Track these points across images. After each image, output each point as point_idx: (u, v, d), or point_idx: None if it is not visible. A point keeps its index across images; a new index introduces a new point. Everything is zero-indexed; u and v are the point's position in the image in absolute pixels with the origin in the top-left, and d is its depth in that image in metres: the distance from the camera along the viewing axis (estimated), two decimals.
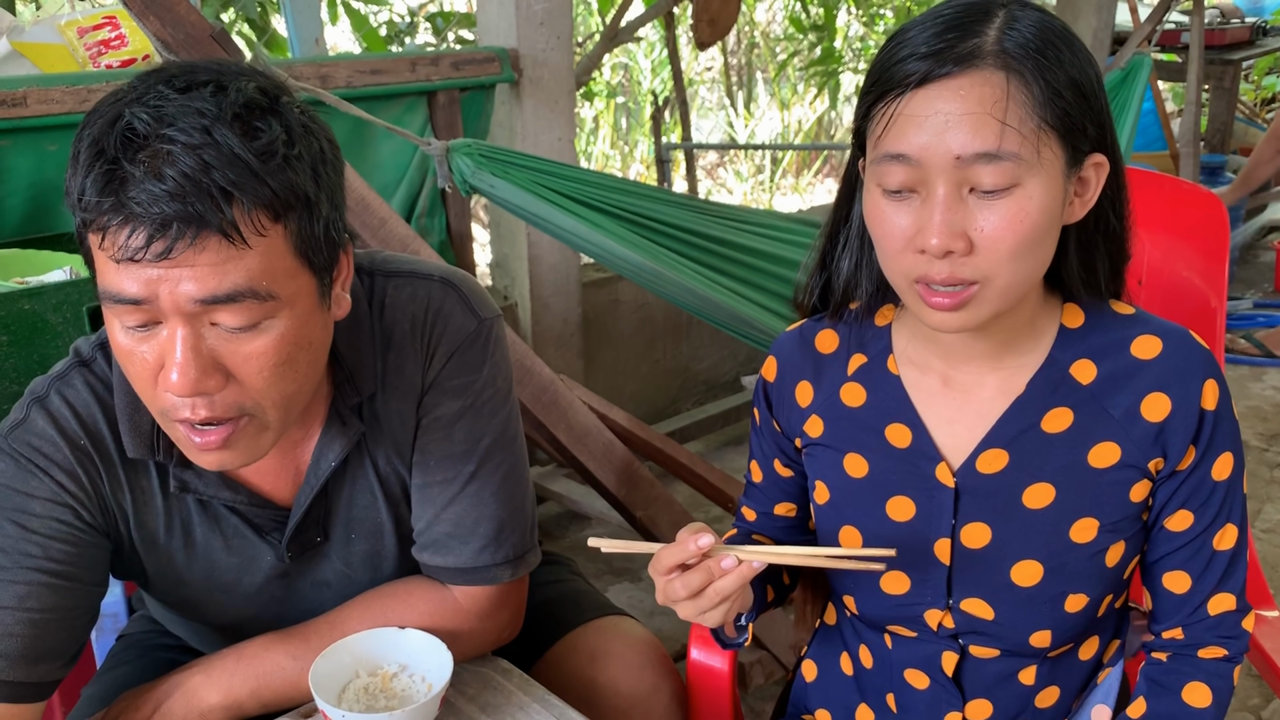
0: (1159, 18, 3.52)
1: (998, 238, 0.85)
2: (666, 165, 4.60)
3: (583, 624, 1.26)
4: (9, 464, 1.00)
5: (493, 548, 1.10)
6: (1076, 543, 0.95)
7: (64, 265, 1.72)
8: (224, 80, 0.87)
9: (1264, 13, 5.80)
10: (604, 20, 4.58)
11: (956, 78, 0.84)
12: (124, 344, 0.89)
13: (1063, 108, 0.85)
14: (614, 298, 3.11)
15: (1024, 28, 0.85)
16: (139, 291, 0.84)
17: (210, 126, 0.83)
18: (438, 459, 1.08)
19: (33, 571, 0.97)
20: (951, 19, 0.86)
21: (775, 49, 7.26)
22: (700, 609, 0.91)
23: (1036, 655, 1.01)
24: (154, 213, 0.81)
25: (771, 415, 1.11)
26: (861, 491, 1.03)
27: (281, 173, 0.86)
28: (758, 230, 2.34)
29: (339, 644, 1.04)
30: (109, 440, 1.01)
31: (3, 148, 1.87)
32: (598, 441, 1.74)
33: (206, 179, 0.82)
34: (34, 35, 1.96)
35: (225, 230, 0.83)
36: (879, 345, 1.05)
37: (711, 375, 3.52)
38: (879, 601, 1.03)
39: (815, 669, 1.17)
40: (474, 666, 1.13)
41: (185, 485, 1.03)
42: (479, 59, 2.46)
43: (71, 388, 1.02)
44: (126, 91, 0.86)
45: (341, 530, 1.11)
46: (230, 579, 1.10)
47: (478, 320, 1.09)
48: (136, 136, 0.82)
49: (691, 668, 1.25)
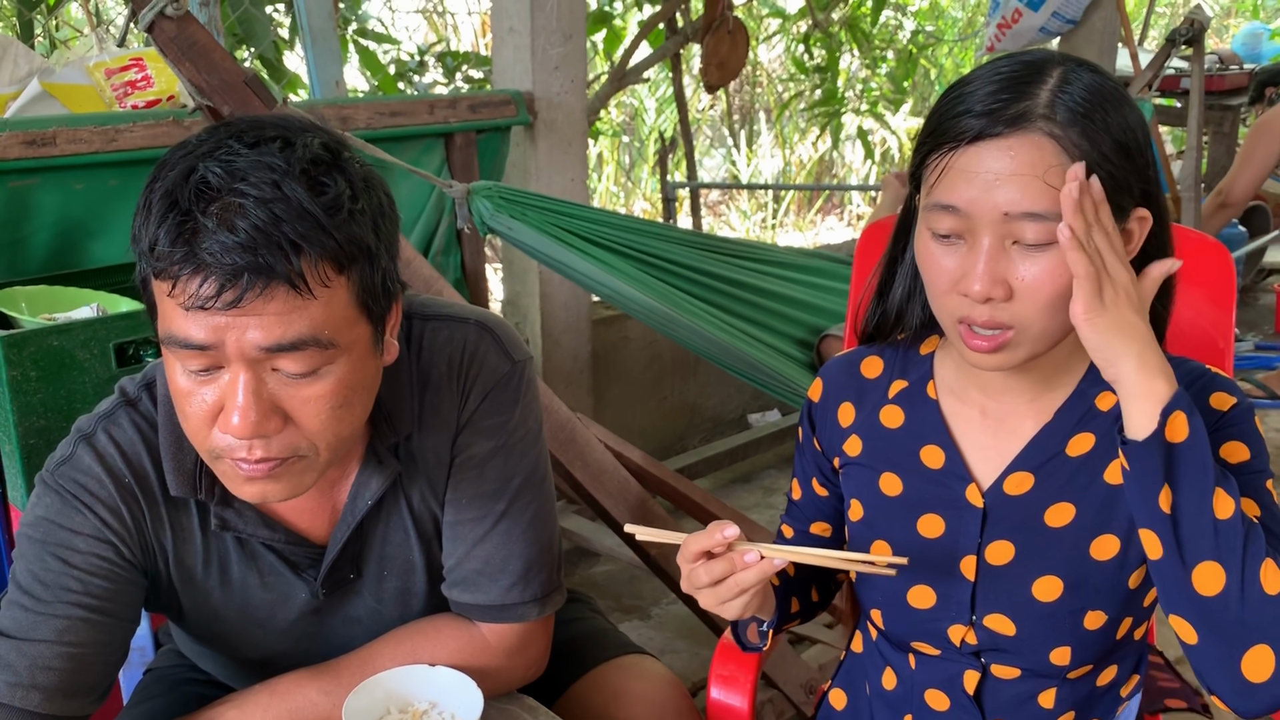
0: (1160, 64, 3.59)
1: (1036, 288, 0.90)
2: (672, 203, 4.66)
3: (604, 662, 1.28)
4: (55, 499, 1.02)
5: (521, 585, 1.12)
6: (1096, 559, 0.99)
7: (91, 302, 1.75)
8: (290, 136, 0.90)
9: (1262, 59, 5.89)
10: (611, 61, 4.65)
11: (1008, 138, 0.88)
12: (184, 386, 0.91)
13: (1108, 170, 0.89)
14: (623, 335, 3.15)
15: (1076, 91, 0.89)
16: (206, 338, 0.87)
17: (280, 181, 0.86)
18: (470, 497, 1.11)
19: (72, 606, 0.99)
20: (1008, 77, 0.91)
21: (778, 89, 7.35)
22: (720, 598, 0.95)
23: (1056, 676, 1.03)
24: (225, 263, 0.84)
25: (814, 434, 1.16)
26: (894, 509, 1.07)
27: (346, 226, 0.89)
28: (767, 270, 2.37)
29: (370, 681, 1.06)
30: (153, 478, 1.04)
31: (31, 186, 1.90)
32: (613, 479, 1.76)
33: (277, 231, 0.85)
34: (63, 76, 2.01)
35: (293, 281, 0.86)
36: (920, 371, 1.10)
37: (719, 412, 3.54)
38: (906, 617, 1.07)
39: (844, 697, 1.20)
40: (501, 704, 1.14)
41: (225, 523, 1.05)
42: (495, 101, 2.51)
43: (118, 426, 1.04)
44: (197, 145, 0.89)
45: (374, 567, 1.13)
46: (264, 614, 1.12)
47: (511, 362, 1.12)
48: (209, 189, 0.85)
49: (711, 707, 1.26)
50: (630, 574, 2.70)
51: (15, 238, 1.93)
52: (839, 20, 5.26)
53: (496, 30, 2.63)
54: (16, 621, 0.99)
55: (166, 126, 1.99)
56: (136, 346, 1.60)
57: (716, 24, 3.65)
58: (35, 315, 1.66)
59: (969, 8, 7.88)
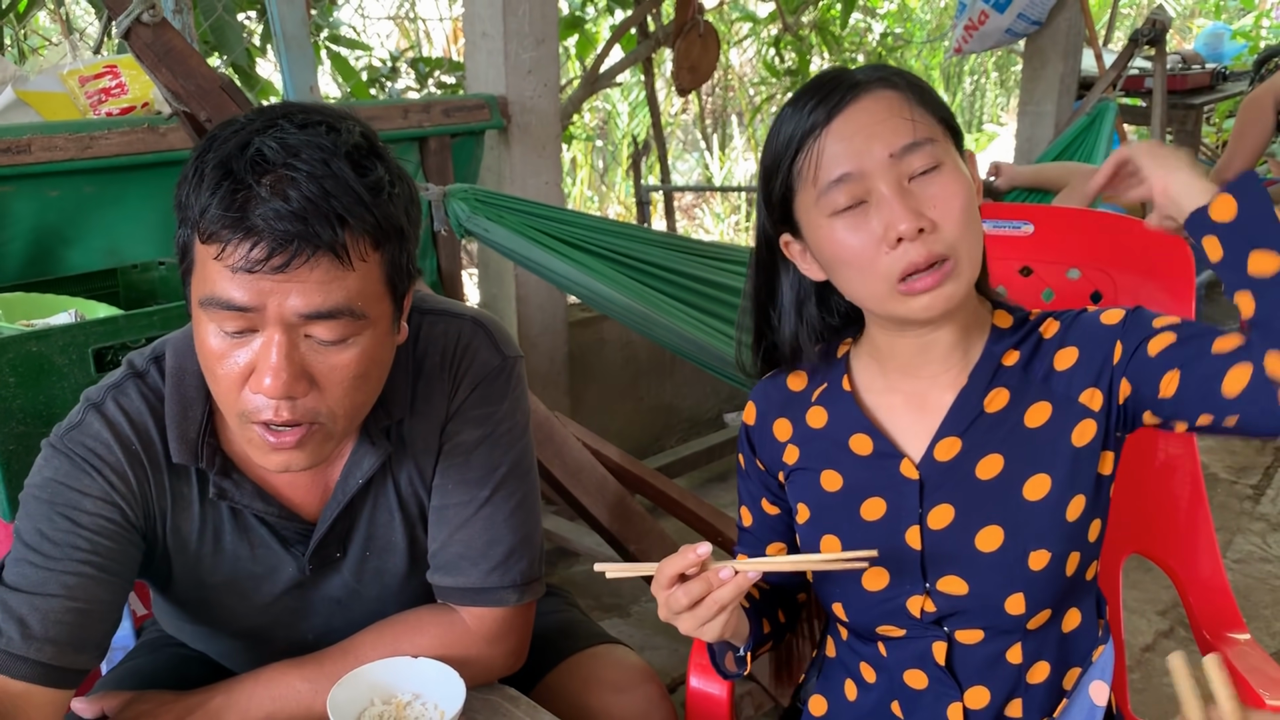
0: (1123, 64, 3.65)
1: (949, 206, 0.99)
2: (646, 206, 4.69)
3: (578, 651, 1.32)
4: (63, 462, 1.06)
5: (501, 570, 1.16)
6: (1030, 500, 1.03)
7: (68, 308, 1.75)
8: (334, 122, 0.96)
9: (1224, 59, 5.99)
10: (583, 66, 4.67)
11: (859, 100, 1.00)
12: (217, 348, 0.96)
13: (936, 103, 1.03)
14: (599, 336, 3.17)
15: (878, 69, 1.04)
16: (249, 300, 0.92)
17: (329, 159, 0.92)
18: (455, 483, 1.15)
19: (81, 564, 1.04)
20: (822, 82, 1.03)
21: (750, 93, 7.40)
22: (700, 619, 0.97)
23: (1017, 629, 1.07)
24: (278, 229, 0.89)
25: (755, 456, 1.20)
26: (837, 502, 1.12)
27: (385, 206, 0.96)
28: (741, 270, 2.40)
29: (355, 673, 1.08)
30: (157, 446, 1.08)
31: (6, 193, 1.91)
32: (591, 477, 1.78)
33: (326, 204, 0.91)
34: (38, 84, 2.01)
35: (337, 251, 0.92)
36: (837, 371, 1.15)
37: (695, 412, 3.57)
38: (864, 601, 1.10)
39: (824, 703, 1.22)
40: (482, 694, 1.16)
41: (223, 493, 1.10)
42: (469, 106, 2.53)
43: (126, 396, 1.09)
44: (247, 122, 0.94)
45: (358, 547, 1.18)
46: (251, 586, 1.16)
47: (502, 358, 1.18)
48: (264, 161, 0.90)
49: (690, 695, 1.29)
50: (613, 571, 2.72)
51: None
52: (809, 23, 5.31)
53: (469, 35, 2.65)
54: (26, 577, 1.03)
55: (141, 133, 2.00)
56: (115, 351, 1.61)
57: (687, 28, 3.68)
58: (13, 321, 1.67)
59: (937, 10, 7.97)
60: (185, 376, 1.09)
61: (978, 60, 8.06)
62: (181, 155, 2.05)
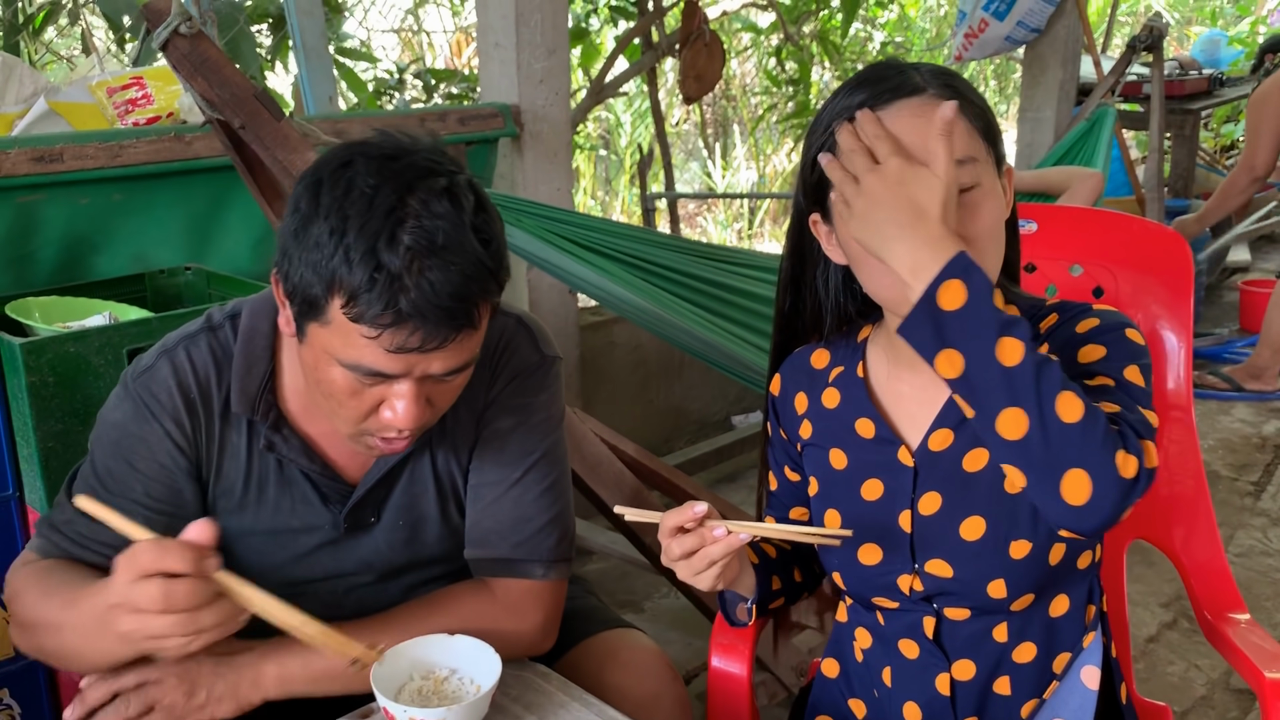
0: (1121, 70, 3.72)
1: (976, 225, 1.01)
2: (651, 214, 4.75)
3: (594, 634, 1.38)
4: (130, 407, 1.17)
5: (529, 545, 1.24)
6: (1011, 493, 1.08)
7: (101, 311, 1.81)
8: (439, 173, 1.01)
9: (1221, 65, 6.06)
10: (588, 76, 4.74)
11: (908, 101, 1.01)
12: (347, 387, 1.05)
13: (986, 120, 1.05)
14: (609, 340, 3.23)
15: (936, 71, 1.05)
16: (397, 370, 1.02)
17: (462, 239, 0.99)
18: (490, 464, 1.24)
19: (134, 505, 1.16)
20: (878, 72, 1.05)
21: (751, 103, 7.47)
22: (694, 569, 1.05)
23: (1001, 610, 1.12)
24: (430, 320, 0.98)
25: (779, 424, 1.27)
26: (841, 480, 1.18)
27: (502, 269, 1.05)
28: (750, 273, 2.45)
29: (396, 649, 1.13)
30: (215, 397, 1.18)
31: (38, 201, 1.97)
32: (609, 471, 1.83)
33: (468, 290, 1.00)
34: (68, 95, 2.07)
35: (474, 323, 1.03)
36: (854, 356, 1.21)
37: (704, 415, 3.62)
38: (859, 573, 1.16)
39: (836, 665, 1.28)
40: (515, 671, 1.21)
41: (272, 445, 1.19)
42: (483, 114, 2.59)
43: (197, 346, 1.18)
44: (371, 187, 0.98)
45: (391, 515, 1.25)
46: (288, 537, 1.23)
47: (541, 356, 1.27)
48: (408, 251, 0.97)
49: (712, 674, 1.34)
50: (623, 570, 2.77)
51: (23, 252, 1.99)
52: (810, 34, 5.38)
53: (482, 46, 2.71)
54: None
55: (168, 142, 2.06)
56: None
57: (693, 37, 3.75)
58: (50, 324, 1.72)
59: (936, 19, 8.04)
60: (256, 337, 1.18)
61: (977, 68, 8.14)
62: (206, 163, 2.11)
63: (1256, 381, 3.99)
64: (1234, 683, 2.31)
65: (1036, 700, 1.15)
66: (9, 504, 1.67)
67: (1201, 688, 2.31)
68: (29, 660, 1.72)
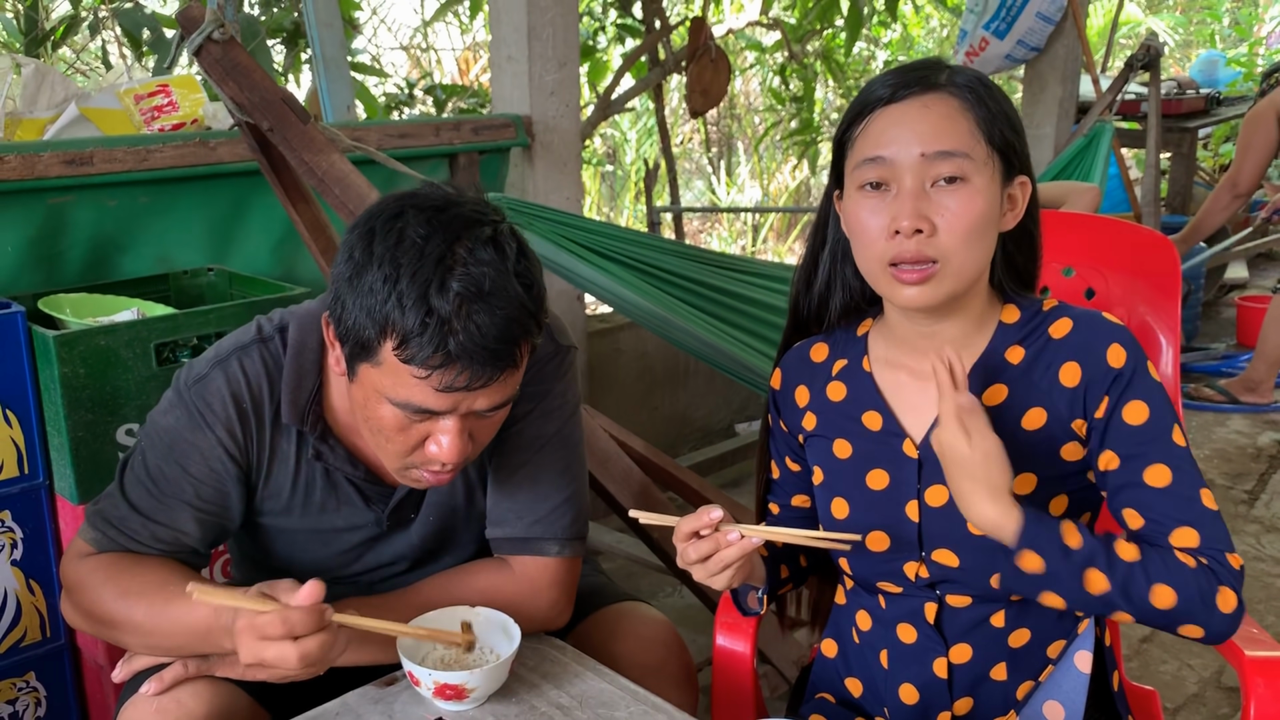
0: (1119, 88, 3.79)
1: (955, 219, 1.06)
2: (657, 228, 4.82)
3: (604, 606, 1.44)
4: (183, 414, 1.22)
5: (544, 524, 1.30)
6: (1017, 495, 1.11)
7: (130, 307, 1.88)
8: (482, 221, 1.08)
9: (1218, 84, 6.13)
10: (595, 92, 4.82)
11: (920, 96, 1.08)
12: (396, 422, 1.11)
13: (999, 130, 1.09)
14: (615, 347, 3.29)
15: (967, 74, 1.11)
16: (445, 407, 1.08)
17: (506, 284, 1.05)
18: (509, 448, 1.30)
19: (184, 506, 1.23)
20: (910, 67, 1.11)
21: (755, 120, 7.55)
22: (710, 572, 1.11)
23: (1001, 599, 1.17)
24: (478, 361, 1.05)
25: (780, 417, 1.31)
26: (847, 469, 1.22)
27: (542, 310, 1.12)
28: (756, 281, 2.52)
29: (420, 619, 1.19)
30: (267, 407, 1.24)
31: (68, 203, 2.04)
32: (618, 466, 1.89)
33: (512, 333, 1.06)
34: (98, 101, 2.15)
35: (517, 363, 1.10)
36: (857, 350, 1.26)
37: (708, 422, 3.68)
38: (868, 560, 1.21)
39: (835, 646, 1.33)
40: (532, 644, 1.27)
41: (319, 454, 1.26)
42: (496, 125, 2.66)
43: (250, 358, 1.24)
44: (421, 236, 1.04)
45: (427, 510, 1.33)
46: (332, 535, 1.31)
47: (557, 346, 1.33)
48: (457, 297, 1.03)
49: (717, 653, 1.39)
50: (630, 569, 2.82)
51: (53, 251, 2.06)
52: (814, 52, 5.47)
53: (495, 58, 2.78)
54: (143, 501, 1.23)
55: (193, 147, 2.13)
56: (173, 348, 1.73)
57: (700, 53, 3.82)
58: (81, 319, 1.78)
59: (939, 39, 8.14)
60: (305, 351, 1.24)
61: None
62: (229, 168, 2.19)
63: (1252, 394, 4.05)
64: (1225, 680, 2.36)
65: (1032, 683, 1.19)
66: (39, 491, 1.73)
67: (1193, 685, 2.36)
68: (55, 645, 1.78)
